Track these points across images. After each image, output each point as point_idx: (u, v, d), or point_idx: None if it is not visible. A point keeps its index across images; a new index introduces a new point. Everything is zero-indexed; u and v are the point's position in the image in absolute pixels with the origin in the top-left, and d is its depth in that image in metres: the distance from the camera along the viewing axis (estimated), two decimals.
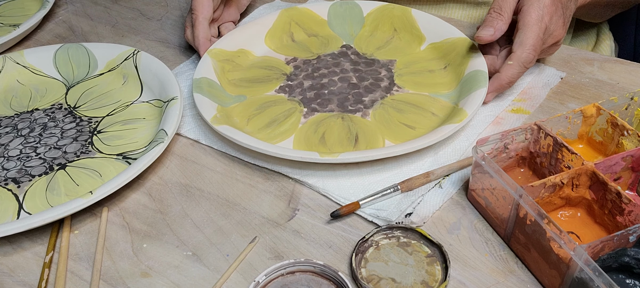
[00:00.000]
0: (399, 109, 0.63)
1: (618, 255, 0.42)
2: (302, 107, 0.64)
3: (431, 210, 0.52)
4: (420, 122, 0.61)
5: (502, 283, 0.46)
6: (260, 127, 0.61)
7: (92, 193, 0.51)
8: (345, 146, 0.58)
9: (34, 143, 0.62)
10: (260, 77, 0.69)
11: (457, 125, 0.56)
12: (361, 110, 0.63)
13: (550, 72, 0.67)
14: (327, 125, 0.61)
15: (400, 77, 0.68)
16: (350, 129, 0.61)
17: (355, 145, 0.59)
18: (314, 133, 0.60)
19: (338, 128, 0.61)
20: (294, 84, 0.67)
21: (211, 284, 0.47)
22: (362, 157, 0.54)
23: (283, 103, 0.65)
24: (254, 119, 0.62)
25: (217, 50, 0.69)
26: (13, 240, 0.52)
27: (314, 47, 0.74)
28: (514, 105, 0.63)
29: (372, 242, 0.49)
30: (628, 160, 0.49)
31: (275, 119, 0.62)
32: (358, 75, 0.68)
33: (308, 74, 0.69)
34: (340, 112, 0.63)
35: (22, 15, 0.86)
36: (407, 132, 0.60)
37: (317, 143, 0.59)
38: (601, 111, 0.53)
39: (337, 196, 0.53)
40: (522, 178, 0.54)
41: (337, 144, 0.59)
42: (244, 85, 0.68)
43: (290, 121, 0.62)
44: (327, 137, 0.60)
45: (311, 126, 0.61)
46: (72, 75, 0.72)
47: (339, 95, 0.65)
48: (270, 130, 0.61)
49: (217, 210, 0.54)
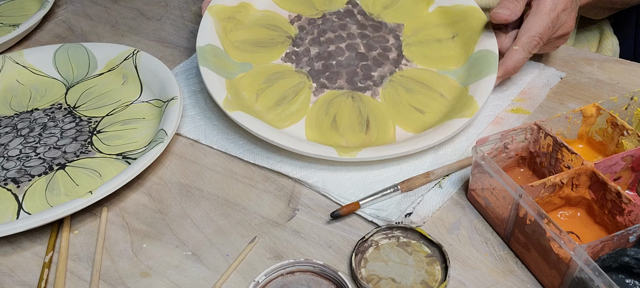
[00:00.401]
0: (408, 88, 0.63)
1: (618, 255, 0.42)
2: (310, 81, 0.63)
3: (431, 210, 0.52)
4: (429, 105, 0.61)
5: (502, 283, 0.46)
6: (270, 105, 0.61)
7: (92, 193, 0.51)
8: (357, 132, 0.59)
9: (34, 143, 0.62)
10: (264, 40, 0.68)
11: (468, 119, 0.56)
12: (371, 89, 0.63)
13: (550, 72, 0.67)
14: (338, 106, 0.61)
15: (409, 47, 0.67)
16: (361, 111, 0.61)
17: (367, 130, 0.59)
18: (325, 115, 0.60)
19: (349, 109, 0.61)
20: (301, 51, 0.66)
21: (211, 284, 0.47)
22: (379, 155, 0.54)
23: (291, 75, 0.64)
24: (263, 95, 0.62)
25: (217, 7, 0.67)
26: (13, 240, 0.52)
27: (318, 3, 0.72)
28: (513, 105, 0.63)
29: (372, 242, 0.49)
30: (628, 160, 0.49)
31: (285, 96, 0.62)
32: (366, 43, 0.67)
33: (314, 38, 0.67)
34: (350, 90, 0.63)
35: (21, 15, 0.86)
36: (417, 117, 0.60)
37: (329, 127, 0.59)
38: (601, 111, 0.53)
39: (337, 196, 0.53)
40: (521, 178, 0.54)
41: (349, 130, 0.59)
42: (248, 49, 0.67)
43: (300, 99, 0.62)
44: (339, 121, 0.60)
45: (322, 106, 0.61)
46: (71, 75, 0.72)
47: (347, 68, 0.65)
48: (280, 109, 0.60)
49: (216, 210, 0.54)
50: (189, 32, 0.81)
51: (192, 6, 0.88)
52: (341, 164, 0.56)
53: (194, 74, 0.71)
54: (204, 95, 0.67)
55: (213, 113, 0.64)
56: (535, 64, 0.68)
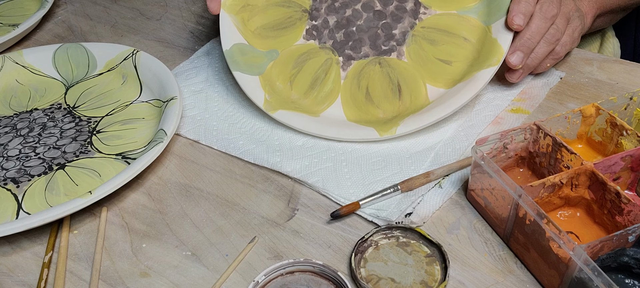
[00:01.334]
0: (431, 40, 0.63)
1: (617, 255, 0.42)
2: (336, 56, 0.65)
3: (431, 210, 0.52)
4: (454, 54, 0.62)
5: (502, 283, 0.46)
6: (305, 90, 0.63)
7: (92, 193, 0.51)
8: (391, 99, 0.61)
9: (33, 143, 0.62)
10: (282, 21, 0.68)
11: (495, 68, 0.58)
12: (395, 50, 0.64)
13: (549, 71, 0.67)
14: (367, 77, 0.63)
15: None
16: (391, 77, 0.62)
17: (400, 96, 0.61)
18: (358, 89, 0.62)
19: (379, 78, 0.63)
20: (320, 25, 0.67)
21: (210, 284, 0.47)
22: (416, 127, 0.56)
23: (317, 54, 0.65)
24: (296, 81, 0.64)
25: (229, 1, 0.68)
26: (12, 240, 0.52)
27: None
28: (513, 105, 0.63)
29: (372, 242, 0.49)
30: (627, 160, 0.49)
31: (317, 77, 0.63)
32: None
33: (328, 5, 0.67)
34: (375, 56, 0.64)
35: (21, 15, 0.86)
36: (445, 70, 0.62)
37: (364, 101, 0.62)
38: (600, 111, 0.53)
39: (337, 196, 0.53)
40: (521, 178, 0.54)
41: (383, 99, 0.61)
42: (270, 35, 0.67)
43: (331, 78, 0.63)
44: (372, 92, 0.62)
45: (353, 81, 0.63)
46: (71, 75, 0.72)
47: (368, 32, 0.65)
48: (315, 92, 0.63)
49: (216, 210, 0.54)
50: (189, 32, 0.81)
51: (192, 6, 0.88)
52: (341, 166, 0.56)
53: (193, 74, 0.71)
54: (204, 96, 0.67)
55: (213, 113, 0.64)
56: None
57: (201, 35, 0.80)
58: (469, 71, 0.60)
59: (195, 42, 0.79)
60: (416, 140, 0.59)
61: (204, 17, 0.84)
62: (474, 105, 0.63)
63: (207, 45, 0.76)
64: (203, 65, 0.72)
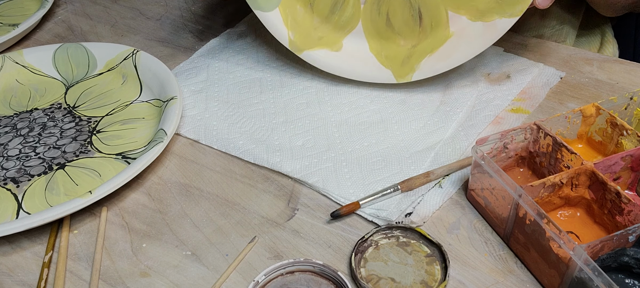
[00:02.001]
0: None
1: (617, 254, 0.42)
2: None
3: (431, 209, 0.52)
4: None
5: (502, 283, 0.46)
6: (326, 14, 0.63)
7: (92, 193, 0.51)
8: (412, 27, 0.61)
9: (33, 143, 0.62)
10: None
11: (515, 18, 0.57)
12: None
13: (549, 71, 0.67)
14: (387, 2, 0.62)
15: None
16: (412, 2, 0.62)
17: (421, 23, 0.61)
18: (378, 15, 0.63)
19: (399, 4, 0.62)
20: None
21: (210, 284, 0.47)
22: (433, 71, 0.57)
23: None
24: (316, 4, 0.64)
25: None
26: (12, 239, 0.52)
27: None
28: (513, 104, 0.63)
29: (372, 242, 0.49)
30: (627, 160, 0.49)
31: (336, 1, 0.63)
32: None
33: None
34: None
35: (21, 15, 0.86)
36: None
37: (385, 28, 0.62)
38: (600, 111, 0.53)
39: (337, 196, 0.53)
40: (521, 178, 0.54)
41: (404, 26, 0.61)
42: None
43: (350, 2, 0.63)
44: (392, 18, 0.62)
45: (373, 6, 0.63)
46: (71, 75, 0.72)
47: None
48: (336, 16, 0.63)
49: (216, 209, 0.54)
50: (189, 32, 0.81)
51: (192, 6, 0.88)
52: (341, 165, 0.56)
53: (193, 73, 0.71)
54: (204, 95, 0.67)
55: (213, 113, 0.64)
56: (534, 64, 0.68)
57: (201, 35, 0.80)
58: (490, 7, 0.59)
59: (195, 42, 0.79)
60: (416, 140, 0.59)
61: (204, 17, 0.84)
62: (474, 104, 0.63)
63: (207, 45, 0.76)
64: (203, 65, 0.72)
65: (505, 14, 0.58)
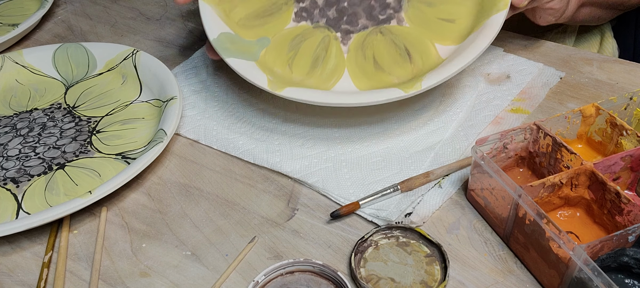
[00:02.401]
0: (427, 2, 0.61)
1: (617, 255, 0.42)
2: (333, 32, 0.61)
3: (431, 209, 0.52)
4: (456, 11, 0.60)
5: (501, 283, 0.46)
6: (307, 70, 0.59)
7: (91, 193, 0.51)
8: (402, 64, 0.57)
9: (33, 143, 0.62)
10: (266, 7, 0.64)
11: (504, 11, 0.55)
12: (394, 17, 0.61)
13: (549, 71, 0.67)
14: (372, 46, 0.59)
15: None
16: (396, 43, 0.59)
17: (411, 60, 0.57)
18: (364, 60, 0.59)
19: (385, 46, 0.59)
20: (308, 5, 0.63)
21: (210, 284, 0.47)
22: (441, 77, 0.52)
23: (312, 34, 0.61)
24: (295, 63, 0.59)
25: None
26: (12, 239, 0.52)
27: None
28: (513, 104, 0.63)
29: (371, 242, 0.49)
30: (627, 160, 0.49)
31: (317, 56, 0.59)
32: None
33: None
34: (374, 26, 0.61)
35: (21, 15, 0.86)
36: (450, 28, 0.59)
37: (374, 70, 0.58)
38: (600, 111, 0.53)
39: (337, 196, 0.53)
40: (521, 178, 0.54)
41: (394, 65, 0.58)
42: (256, 24, 0.63)
43: (333, 53, 0.59)
44: (380, 60, 0.58)
45: (357, 53, 0.59)
46: (71, 75, 0.72)
47: (361, 5, 0.62)
48: (319, 70, 0.58)
49: (216, 209, 0.54)
50: (189, 31, 0.81)
51: (192, 6, 0.88)
52: (341, 165, 0.56)
53: (193, 74, 0.71)
54: (204, 95, 0.67)
55: (213, 113, 0.64)
56: (534, 64, 0.68)
57: (201, 35, 0.80)
58: (476, 23, 0.58)
59: (195, 42, 0.79)
60: (416, 140, 0.59)
61: None
62: (474, 104, 0.63)
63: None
64: (203, 65, 0.72)
65: (491, 13, 0.57)
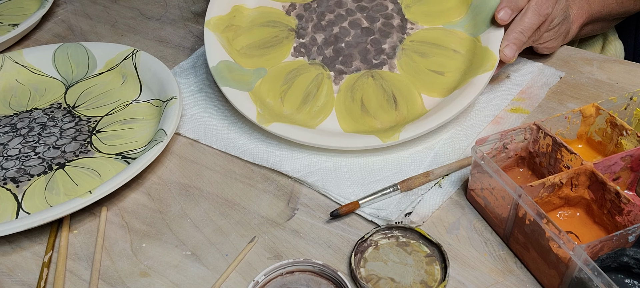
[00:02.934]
0: (421, 53, 0.64)
1: (617, 255, 0.42)
2: (327, 71, 0.64)
3: (431, 209, 0.52)
4: (446, 65, 0.62)
5: (501, 283, 0.46)
6: (298, 105, 0.61)
7: (91, 193, 0.51)
8: (387, 110, 0.60)
9: (33, 142, 0.62)
10: (268, 40, 0.67)
11: (490, 72, 0.58)
12: (387, 63, 0.64)
13: (549, 71, 0.67)
14: (361, 89, 0.62)
15: (409, 8, 0.67)
16: (385, 88, 0.62)
17: (396, 107, 0.60)
18: (352, 102, 0.61)
19: (373, 90, 0.62)
20: (307, 42, 0.66)
21: (210, 284, 0.47)
22: (419, 132, 0.55)
23: (307, 70, 0.64)
24: (287, 96, 0.62)
25: (214, 20, 0.67)
26: (12, 239, 0.52)
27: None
28: (513, 104, 0.63)
29: (371, 242, 0.49)
30: (627, 160, 0.49)
31: (309, 92, 0.62)
32: (366, 15, 0.67)
33: (315, 24, 0.67)
34: (367, 69, 0.63)
35: (21, 15, 0.86)
36: (439, 80, 0.61)
37: (360, 113, 0.60)
38: (600, 111, 0.53)
39: (337, 195, 0.53)
40: (521, 178, 0.54)
41: (379, 110, 0.60)
42: (256, 53, 0.66)
43: (324, 92, 0.62)
44: (367, 104, 0.61)
45: (347, 94, 0.62)
46: (71, 75, 0.72)
47: (358, 47, 0.65)
48: (308, 107, 0.61)
49: (216, 209, 0.54)
50: (189, 31, 0.81)
51: (192, 6, 0.88)
52: (341, 165, 0.56)
53: (193, 73, 0.71)
54: (204, 95, 0.67)
55: (213, 112, 0.64)
56: (534, 64, 0.68)
57: (201, 35, 0.80)
58: (463, 79, 0.60)
59: (195, 42, 0.79)
60: (415, 140, 0.59)
61: (203, 17, 0.84)
62: (474, 105, 0.63)
63: None
64: (203, 64, 0.72)
65: (477, 73, 0.59)
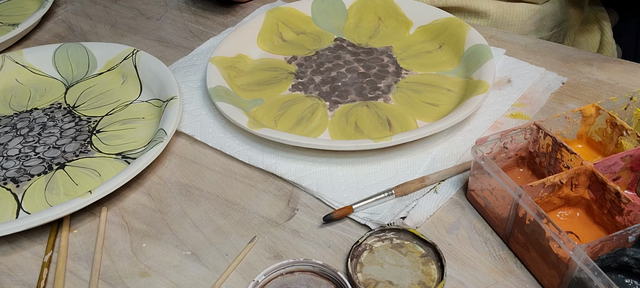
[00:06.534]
0: (416, 90, 0.65)
1: (617, 255, 0.42)
2: (323, 101, 0.64)
3: (425, 215, 0.51)
4: (441, 99, 0.63)
5: (501, 283, 0.46)
6: (291, 126, 0.61)
7: (91, 193, 0.51)
8: (381, 131, 0.60)
9: (33, 142, 0.62)
10: (268, 79, 0.69)
11: (484, 94, 0.59)
12: (382, 96, 0.64)
13: (551, 76, 0.66)
14: (356, 114, 0.62)
15: (404, 61, 0.70)
16: (379, 114, 0.62)
17: (390, 128, 0.60)
18: (346, 124, 0.61)
19: (368, 115, 0.62)
20: (306, 81, 0.68)
21: (210, 284, 0.47)
22: (412, 136, 0.55)
23: (303, 100, 0.65)
24: (281, 119, 0.62)
25: (218, 58, 0.68)
26: (12, 239, 0.52)
27: (308, 44, 0.75)
28: (513, 109, 0.63)
29: (366, 246, 0.49)
30: (627, 160, 0.49)
31: (302, 116, 0.62)
32: (363, 64, 0.69)
33: (314, 69, 0.69)
34: (362, 101, 0.64)
35: (21, 15, 0.86)
36: (433, 110, 0.62)
37: (354, 132, 0.60)
38: (600, 111, 0.53)
39: (331, 199, 0.53)
40: (521, 178, 0.54)
41: (373, 130, 0.60)
42: (255, 89, 0.67)
43: (318, 116, 0.62)
44: (361, 125, 0.61)
45: (341, 117, 0.62)
46: (71, 75, 0.72)
47: (353, 85, 0.66)
48: (301, 127, 0.61)
49: (216, 209, 0.54)
50: (189, 31, 0.81)
51: (192, 6, 0.88)
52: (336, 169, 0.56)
53: (192, 72, 0.71)
54: (202, 93, 0.67)
55: (210, 111, 0.64)
56: (536, 69, 0.67)
57: (201, 34, 0.80)
58: (458, 104, 0.61)
59: (195, 42, 0.79)
60: (413, 145, 0.58)
61: (203, 17, 0.84)
62: None
63: (206, 43, 0.77)
64: (202, 63, 0.72)
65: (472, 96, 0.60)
